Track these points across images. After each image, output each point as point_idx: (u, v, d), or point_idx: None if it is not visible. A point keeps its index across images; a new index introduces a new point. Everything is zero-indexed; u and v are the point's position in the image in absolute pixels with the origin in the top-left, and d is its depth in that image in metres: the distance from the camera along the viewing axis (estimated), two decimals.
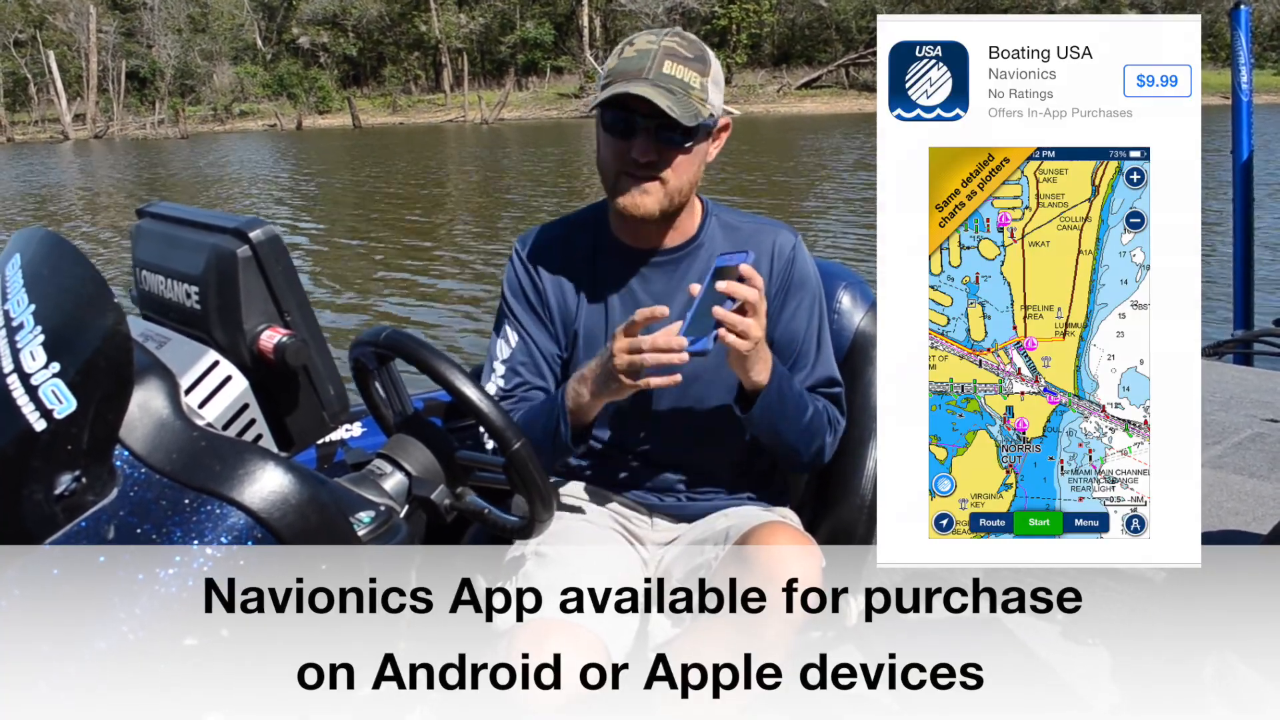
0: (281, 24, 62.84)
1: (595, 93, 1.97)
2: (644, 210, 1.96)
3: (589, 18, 57.61)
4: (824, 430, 2.08)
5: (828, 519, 2.27)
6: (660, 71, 1.88)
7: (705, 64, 1.95)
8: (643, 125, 1.89)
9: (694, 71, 1.91)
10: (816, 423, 2.05)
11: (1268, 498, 2.33)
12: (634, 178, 1.94)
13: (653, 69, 1.88)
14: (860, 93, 56.62)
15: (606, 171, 1.98)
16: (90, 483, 1.09)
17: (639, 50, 1.92)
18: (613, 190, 1.98)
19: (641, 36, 1.95)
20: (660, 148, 1.91)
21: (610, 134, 1.94)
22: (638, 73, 1.88)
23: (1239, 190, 5.57)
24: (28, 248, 1.28)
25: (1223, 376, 3.50)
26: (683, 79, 1.89)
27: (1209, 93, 6.23)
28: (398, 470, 1.58)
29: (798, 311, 2.08)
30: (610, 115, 1.92)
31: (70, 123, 53.45)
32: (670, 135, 1.91)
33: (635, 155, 1.91)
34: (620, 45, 1.98)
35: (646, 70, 1.88)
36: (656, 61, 1.88)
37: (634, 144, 1.91)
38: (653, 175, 1.93)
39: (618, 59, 1.94)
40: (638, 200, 1.95)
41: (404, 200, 20.81)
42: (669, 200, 1.97)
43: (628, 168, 1.93)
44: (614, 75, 1.91)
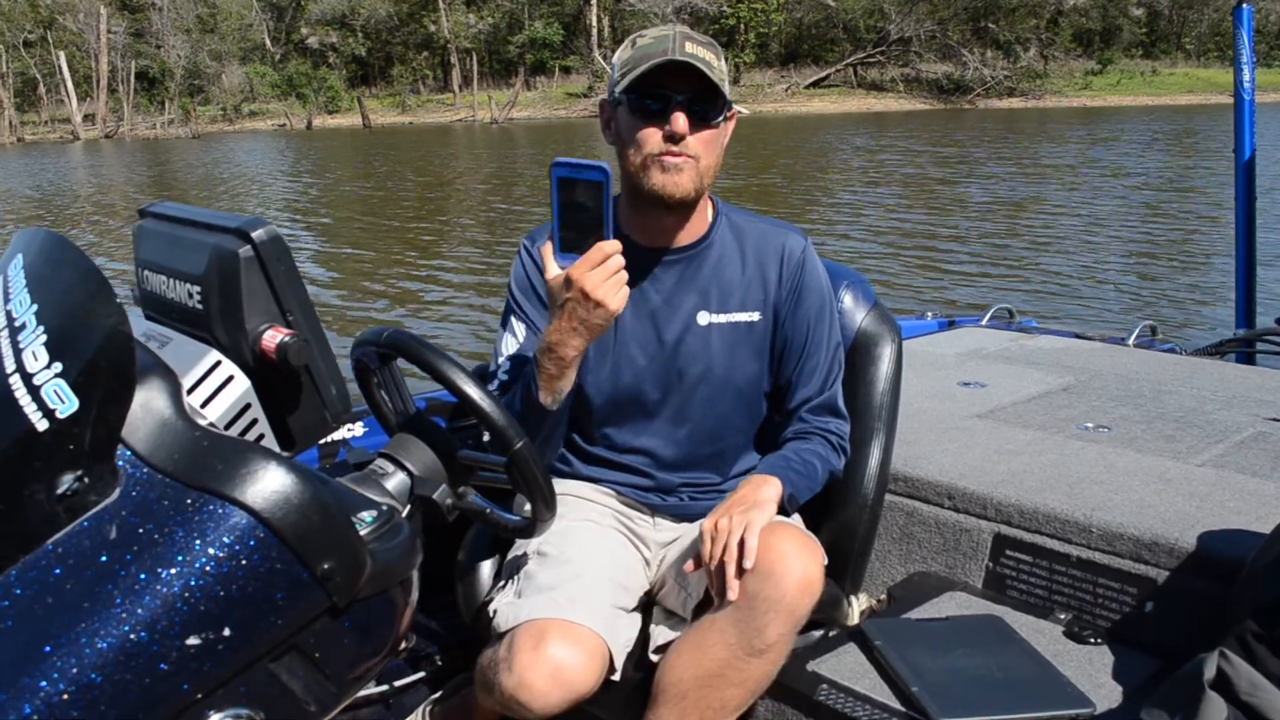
0: (290, 24, 62.91)
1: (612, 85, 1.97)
2: (681, 191, 1.94)
3: (597, 17, 57.56)
4: (834, 461, 2.12)
5: (829, 518, 2.27)
6: (684, 50, 1.88)
7: (717, 49, 1.96)
8: (676, 101, 1.89)
9: (711, 53, 1.92)
10: (826, 464, 2.09)
11: (1270, 497, 2.33)
12: (669, 157, 1.92)
13: (676, 49, 1.88)
14: (868, 92, 56.64)
15: (635, 158, 1.95)
16: (92, 482, 1.09)
17: (655, 37, 1.92)
18: (645, 176, 1.94)
19: (650, 30, 1.96)
20: (692, 123, 1.91)
21: (640, 116, 1.92)
22: (663, 53, 1.87)
23: (1241, 189, 5.55)
24: (30, 248, 1.29)
25: (1224, 375, 3.49)
26: (705, 58, 1.89)
27: (1217, 91, 6.19)
28: (400, 470, 1.58)
29: (806, 315, 2.09)
30: (637, 99, 1.91)
31: (80, 123, 53.56)
32: (703, 112, 1.91)
33: (674, 127, 1.89)
34: (629, 39, 1.98)
35: (671, 50, 1.87)
36: (677, 43, 1.89)
37: (671, 119, 1.89)
38: (686, 153, 1.92)
39: (633, 48, 1.94)
40: (675, 180, 1.93)
41: (417, 201, 20.82)
42: (700, 180, 1.95)
43: (661, 149, 1.92)
44: (635, 61, 1.91)
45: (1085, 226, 14.76)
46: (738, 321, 2.07)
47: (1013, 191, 19.03)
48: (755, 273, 2.08)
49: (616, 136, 1.99)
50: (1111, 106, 51.56)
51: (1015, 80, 55.64)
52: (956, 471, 2.53)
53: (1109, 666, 2.04)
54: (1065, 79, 57.06)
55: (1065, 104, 53.61)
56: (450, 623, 2.37)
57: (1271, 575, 1.74)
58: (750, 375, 2.09)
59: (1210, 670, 1.64)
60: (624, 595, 1.97)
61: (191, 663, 1.06)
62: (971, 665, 2.00)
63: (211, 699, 1.08)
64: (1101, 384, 3.38)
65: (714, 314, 2.06)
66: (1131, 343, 4.22)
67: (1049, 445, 2.74)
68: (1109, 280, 11.16)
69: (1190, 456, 2.65)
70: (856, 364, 2.31)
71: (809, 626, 2.01)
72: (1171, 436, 2.82)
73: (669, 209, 1.98)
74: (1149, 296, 10.36)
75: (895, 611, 2.29)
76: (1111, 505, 2.31)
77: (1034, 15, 57.71)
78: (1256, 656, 1.63)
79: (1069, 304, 10.02)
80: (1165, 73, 59.00)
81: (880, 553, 2.56)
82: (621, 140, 1.98)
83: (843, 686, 2.00)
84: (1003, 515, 2.38)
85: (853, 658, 2.09)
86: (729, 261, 2.08)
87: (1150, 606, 2.15)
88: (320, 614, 1.16)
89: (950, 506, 2.47)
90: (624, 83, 1.91)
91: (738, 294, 2.07)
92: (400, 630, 1.29)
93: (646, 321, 2.06)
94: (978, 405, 3.13)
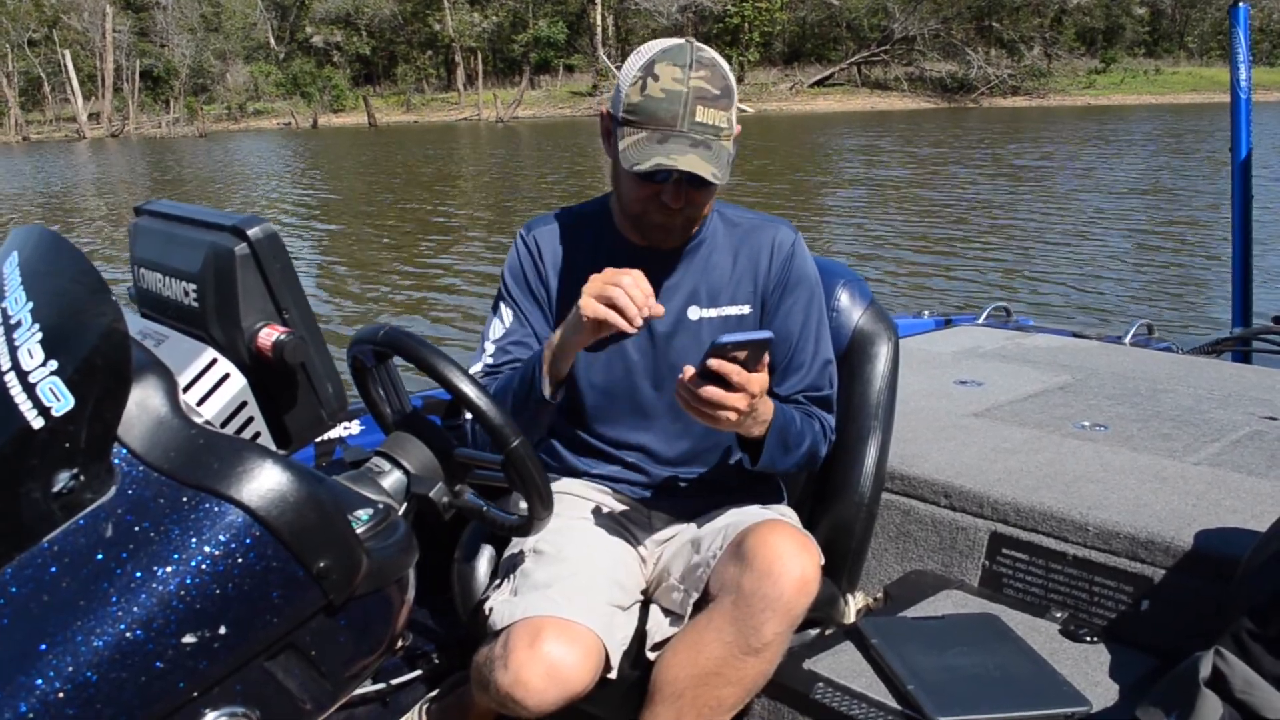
0: (294, 23, 62.89)
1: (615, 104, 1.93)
2: (670, 244, 2.02)
3: (601, 16, 57.51)
4: (820, 445, 2.10)
5: (826, 517, 2.28)
6: (694, 121, 1.84)
7: (730, 94, 1.90)
8: (675, 178, 1.88)
9: (722, 110, 1.87)
10: (814, 444, 2.08)
11: (1266, 495, 2.33)
12: (661, 215, 1.94)
13: (685, 119, 1.84)
14: (872, 90, 56.56)
15: (627, 201, 1.98)
16: (88, 480, 1.09)
17: (666, 92, 1.84)
18: (634, 218, 1.99)
19: (664, 68, 1.86)
20: (690, 193, 1.91)
21: (638, 177, 1.90)
22: (671, 122, 1.83)
23: (1237, 188, 5.56)
24: (25, 245, 1.28)
25: (1221, 374, 3.49)
26: (714, 124, 1.86)
27: (1221, 90, 6.19)
28: (396, 468, 1.57)
29: (794, 308, 2.09)
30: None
31: (86, 121, 53.56)
32: (701, 182, 1.89)
33: (667, 201, 1.90)
34: (639, 72, 1.88)
35: (679, 120, 1.83)
36: (689, 109, 1.84)
37: (665, 190, 1.90)
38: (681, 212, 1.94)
39: (642, 95, 1.86)
40: (663, 238, 2.00)
41: (423, 199, 20.82)
42: (693, 227, 2.01)
43: (655, 209, 1.94)
44: (642, 117, 1.86)
45: (1082, 224, 14.76)
46: (728, 315, 2.08)
47: (1010, 189, 19.04)
48: (746, 267, 2.09)
49: (612, 157, 1.97)
50: (1115, 105, 51.51)
51: (1019, 79, 55.54)
52: (953, 470, 2.54)
53: (1105, 665, 2.04)
54: (1069, 78, 56.97)
55: (1069, 103, 53.54)
56: (447, 620, 2.37)
57: (1267, 573, 1.75)
58: None
59: (1206, 668, 1.64)
60: (620, 593, 1.98)
61: (187, 661, 1.06)
62: (968, 663, 2.00)
63: (207, 697, 1.08)
64: (1098, 382, 3.38)
65: (705, 309, 2.07)
66: (1128, 341, 4.23)
67: (1045, 444, 2.74)
68: (1105, 279, 11.15)
69: (1186, 455, 2.66)
70: (853, 362, 2.31)
71: (805, 625, 2.02)
72: (1168, 435, 2.82)
73: None
74: (1145, 295, 10.35)
75: (892, 610, 2.29)
76: (1108, 504, 2.31)
77: (1038, 14, 57.64)
78: (1252, 655, 1.63)
79: (1065, 302, 10.02)
80: (1168, 71, 58.89)
81: (877, 551, 2.56)
82: (616, 174, 1.99)
83: (839, 685, 2.01)
84: (999, 514, 2.39)
85: (849, 656, 2.09)
86: (720, 257, 2.09)
87: (1146, 605, 2.15)
88: (316, 612, 1.16)
89: (947, 505, 2.48)
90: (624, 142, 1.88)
91: (728, 289, 2.08)
92: (396, 628, 1.29)
93: None
94: (974, 404, 3.13)
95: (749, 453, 1.99)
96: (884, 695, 1.96)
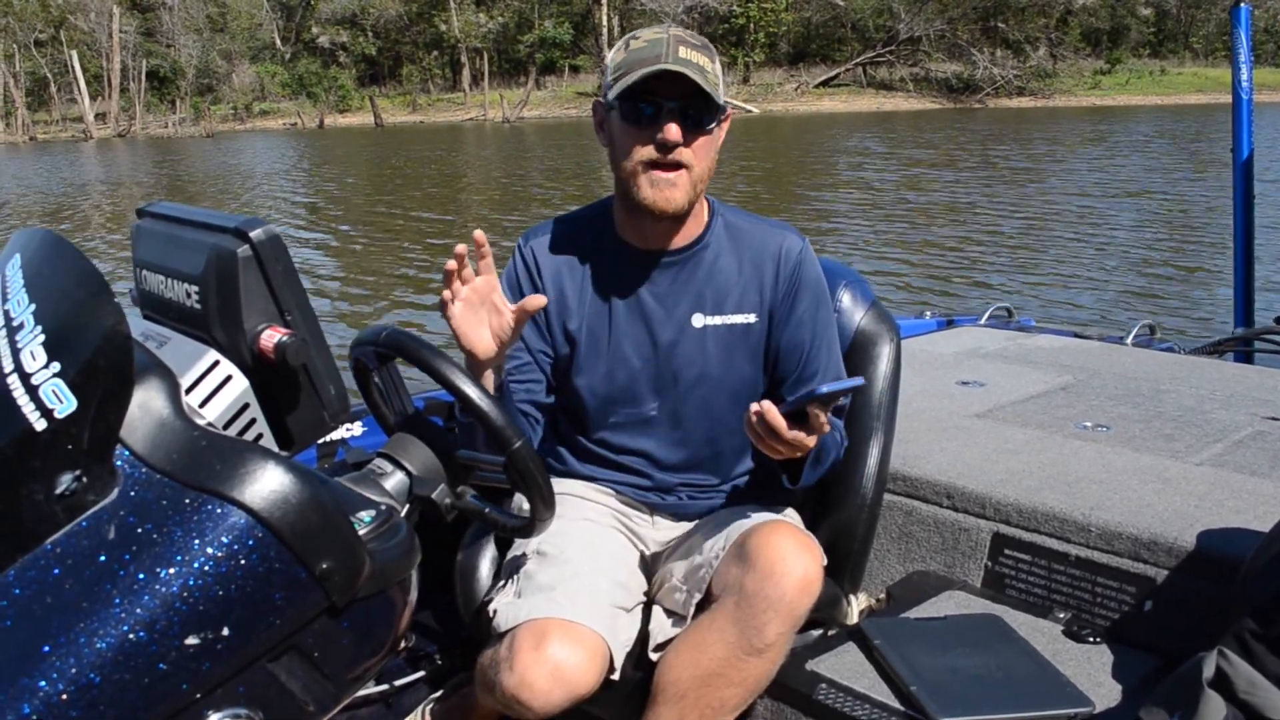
0: (300, 23, 62.94)
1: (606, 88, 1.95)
2: (674, 204, 1.93)
3: (607, 16, 57.49)
4: (839, 455, 2.11)
5: (828, 517, 2.28)
6: (677, 56, 1.86)
7: (711, 51, 1.95)
8: (669, 108, 1.88)
9: (705, 56, 1.91)
10: (836, 455, 2.09)
11: (1268, 496, 2.33)
12: (660, 169, 1.91)
13: (669, 55, 1.86)
14: (878, 91, 56.50)
15: (627, 165, 1.94)
16: (91, 482, 1.09)
17: (649, 40, 1.90)
18: (636, 187, 1.94)
19: (644, 31, 1.94)
20: (685, 131, 1.90)
21: (631, 123, 1.91)
22: (655, 59, 1.86)
23: (1239, 188, 5.55)
24: (28, 248, 1.29)
25: (1223, 374, 3.49)
26: (699, 63, 1.88)
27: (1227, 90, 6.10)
28: (398, 469, 1.58)
29: (804, 318, 2.07)
30: (629, 105, 1.90)
31: (93, 121, 53.64)
32: (696, 118, 1.90)
33: (666, 136, 1.88)
34: (622, 41, 1.97)
35: (664, 56, 1.86)
36: (671, 49, 1.87)
37: (662, 128, 1.88)
38: (678, 164, 1.91)
39: (625, 51, 1.92)
40: (667, 195, 1.92)
41: (429, 199, 20.81)
42: (694, 189, 1.95)
43: (653, 157, 1.91)
44: (628, 66, 1.89)
45: (1084, 225, 14.72)
46: (734, 324, 2.06)
47: (1013, 190, 18.98)
48: (752, 274, 2.06)
49: (609, 141, 1.98)
50: (1121, 106, 51.39)
51: (1025, 79, 55.43)
52: (955, 471, 2.54)
53: (1108, 665, 2.04)
54: (1074, 78, 56.86)
55: (1075, 103, 53.42)
56: (449, 622, 2.37)
57: (1270, 574, 1.74)
58: (746, 378, 2.08)
59: (1209, 669, 1.64)
60: (624, 594, 1.98)
61: (190, 662, 1.06)
62: (970, 664, 2.00)
63: (210, 699, 1.09)
64: (1100, 383, 3.38)
65: (709, 316, 2.05)
66: (1130, 341, 4.22)
67: (1048, 444, 2.74)
68: (1108, 279, 11.13)
69: (1189, 455, 2.65)
70: (855, 363, 2.31)
71: (808, 626, 2.02)
72: (1170, 435, 2.82)
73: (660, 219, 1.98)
74: (1148, 295, 10.33)
75: (894, 611, 2.29)
76: (1110, 504, 2.31)
77: (1043, 14, 57.55)
78: (1255, 655, 1.63)
79: (1067, 303, 10.00)
80: (1174, 72, 58.77)
81: (879, 552, 2.56)
82: (614, 146, 1.97)
83: (842, 686, 2.01)
84: (1001, 514, 2.39)
85: (852, 657, 2.09)
86: (725, 263, 2.07)
87: (1149, 605, 2.15)
88: (319, 613, 1.16)
89: (949, 506, 2.48)
90: (616, 88, 1.89)
91: (733, 296, 2.06)
92: (399, 630, 1.30)
93: (640, 324, 2.06)
94: (976, 404, 3.13)
95: (788, 472, 1.98)
96: (886, 696, 1.96)
